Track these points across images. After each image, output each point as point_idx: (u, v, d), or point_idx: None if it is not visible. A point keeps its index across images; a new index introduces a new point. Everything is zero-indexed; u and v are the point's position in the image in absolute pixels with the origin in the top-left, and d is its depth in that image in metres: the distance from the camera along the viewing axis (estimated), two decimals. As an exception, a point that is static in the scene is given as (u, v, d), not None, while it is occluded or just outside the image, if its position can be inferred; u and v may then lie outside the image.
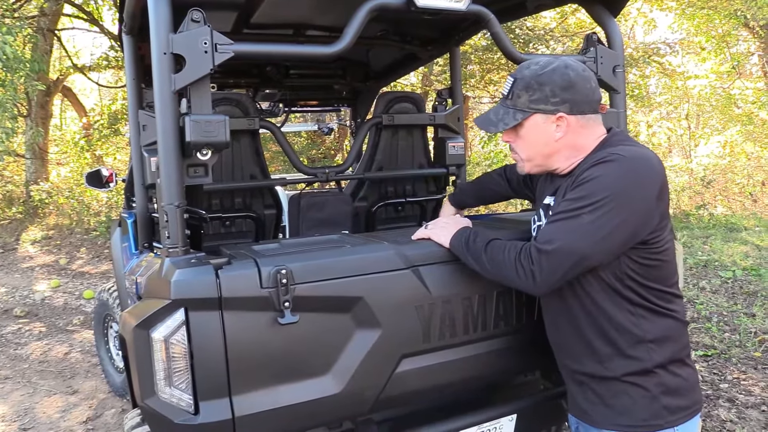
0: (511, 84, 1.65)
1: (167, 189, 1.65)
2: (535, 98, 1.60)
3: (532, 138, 1.65)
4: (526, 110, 1.62)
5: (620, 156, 1.50)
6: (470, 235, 1.76)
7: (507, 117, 1.65)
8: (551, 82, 1.58)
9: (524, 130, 1.65)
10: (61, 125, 15.58)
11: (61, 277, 7.75)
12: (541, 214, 1.75)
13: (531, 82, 1.60)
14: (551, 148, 1.64)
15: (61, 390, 4.23)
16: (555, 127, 1.61)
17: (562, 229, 1.50)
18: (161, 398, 1.57)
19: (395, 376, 1.82)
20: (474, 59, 9.85)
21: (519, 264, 1.55)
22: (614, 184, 1.47)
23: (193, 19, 1.65)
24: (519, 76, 1.63)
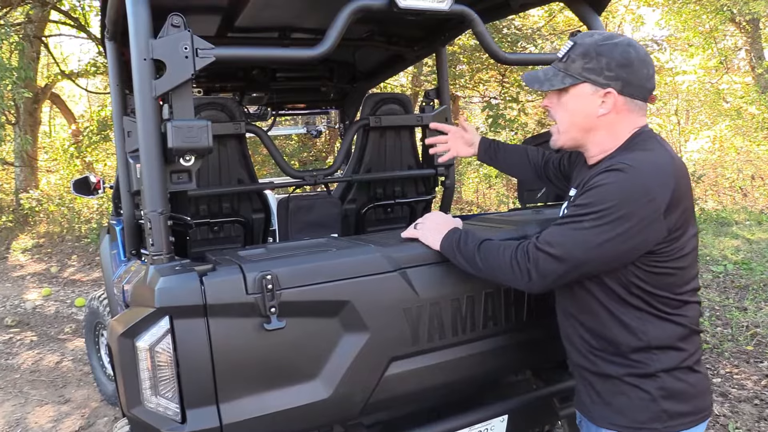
0: (569, 48, 1.58)
1: (150, 196, 1.63)
2: (590, 67, 1.54)
3: (575, 107, 1.59)
4: (576, 77, 1.56)
5: (630, 167, 1.44)
6: (461, 237, 1.73)
7: (555, 79, 1.59)
8: (610, 55, 1.52)
9: (568, 96, 1.59)
10: (50, 132, 15.50)
11: (52, 286, 7.70)
12: (566, 205, 1.74)
13: (590, 49, 1.54)
14: (591, 124, 1.59)
15: (53, 399, 4.20)
16: (600, 102, 1.55)
17: (563, 234, 1.49)
18: (147, 407, 1.55)
19: (384, 379, 1.81)
20: (463, 59, 9.86)
21: (515, 262, 1.54)
22: (619, 195, 1.43)
23: (173, 24, 1.64)
24: (579, 41, 1.57)
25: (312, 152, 11.24)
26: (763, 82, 11.78)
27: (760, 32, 12.12)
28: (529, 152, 2.21)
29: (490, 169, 11.08)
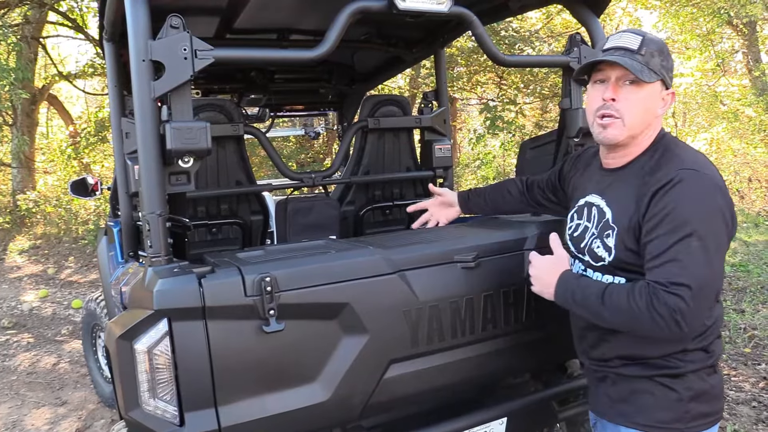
0: (641, 40, 1.51)
1: (148, 197, 1.63)
2: (665, 65, 1.53)
3: (647, 104, 1.54)
4: (657, 73, 1.51)
5: (701, 172, 1.44)
6: (576, 287, 1.58)
7: (645, 71, 1.50)
8: (671, 56, 1.55)
9: (643, 93, 1.52)
10: (48, 133, 15.46)
11: (49, 287, 7.68)
12: (585, 213, 1.70)
13: (663, 47, 1.53)
14: (650, 122, 1.56)
15: (50, 401, 4.18)
16: (662, 103, 1.56)
17: (682, 267, 1.39)
18: (146, 410, 1.54)
19: (384, 381, 1.80)
20: (461, 61, 9.86)
21: (655, 313, 1.39)
22: (708, 202, 1.42)
23: (172, 26, 1.63)
24: (646, 36, 1.53)
25: (310, 154, 11.23)
26: (759, 85, 11.80)
27: (757, 35, 12.15)
28: (508, 186, 2.22)
29: (487, 171, 11.09)
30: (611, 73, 1.54)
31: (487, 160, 11.35)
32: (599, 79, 1.59)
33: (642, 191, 1.50)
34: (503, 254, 2.02)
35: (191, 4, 2.33)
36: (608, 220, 1.58)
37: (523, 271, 2.03)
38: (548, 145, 2.62)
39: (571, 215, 1.77)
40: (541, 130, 10.60)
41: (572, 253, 1.74)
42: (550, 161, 2.55)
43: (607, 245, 1.57)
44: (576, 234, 1.71)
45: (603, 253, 1.58)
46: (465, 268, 1.92)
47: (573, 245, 1.73)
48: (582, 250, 1.68)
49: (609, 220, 1.58)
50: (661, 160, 1.53)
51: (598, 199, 1.65)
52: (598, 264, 1.61)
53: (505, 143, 10.60)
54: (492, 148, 11.90)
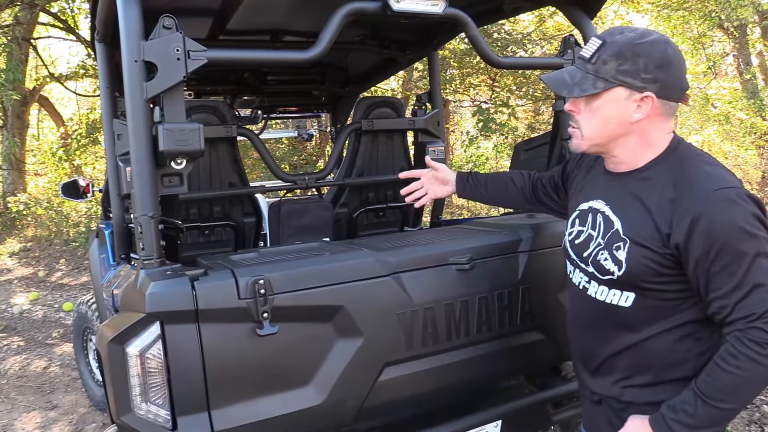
0: (597, 47, 1.41)
1: (141, 199, 1.61)
2: (625, 69, 1.37)
3: (606, 114, 1.42)
4: (610, 80, 1.38)
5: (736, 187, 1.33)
6: (682, 411, 1.36)
7: (586, 83, 1.41)
8: (648, 55, 1.36)
9: (599, 102, 1.42)
10: (39, 135, 15.38)
11: (40, 290, 7.62)
12: (588, 219, 1.56)
13: (624, 50, 1.37)
14: (623, 130, 1.43)
15: (41, 405, 4.14)
16: (635, 107, 1.39)
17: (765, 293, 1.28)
18: (138, 414, 1.53)
19: (378, 384, 1.79)
20: (454, 63, 9.87)
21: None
22: (756, 216, 1.31)
23: (164, 26, 1.62)
24: (610, 40, 1.40)
25: (302, 156, 11.22)
26: (750, 88, 11.87)
27: (747, 38, 12.22)
28: (514, 178, 2.05)
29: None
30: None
31: (480, 162, 11.36)
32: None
33: (668, 209, 1.36)
34: (498, 256, 2.02)
35: (184, 4, 2.32)
36: (618, 231, 1.45)
37: (516, 273, 2.03)
38: (542, 147, 2.62)
39: (572, 220, 1.65)
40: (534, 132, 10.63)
41: (573, 260, 1.62)
42: (544, 163, 2.55)
43: (617, 258, 1.43)
44: (578, 241, 1.58)
45: (611, 267, 1.45)
46: (460, 270, 1.92)
47: (574, 253, 1.60)
48: (585, 260, 1.54)
49: (619, 231, 1.45)
50: (684, 175, 1.39)
51: (602, 206, 1.53)
52: (605, 277, 1.48)
53: (498, 145, 10.62)
54: (485, 151, 11.91)
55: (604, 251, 1.47)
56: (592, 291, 1.54)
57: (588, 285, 1.55)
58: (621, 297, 1.46)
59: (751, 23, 11.71)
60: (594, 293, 1.53)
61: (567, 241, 1.64)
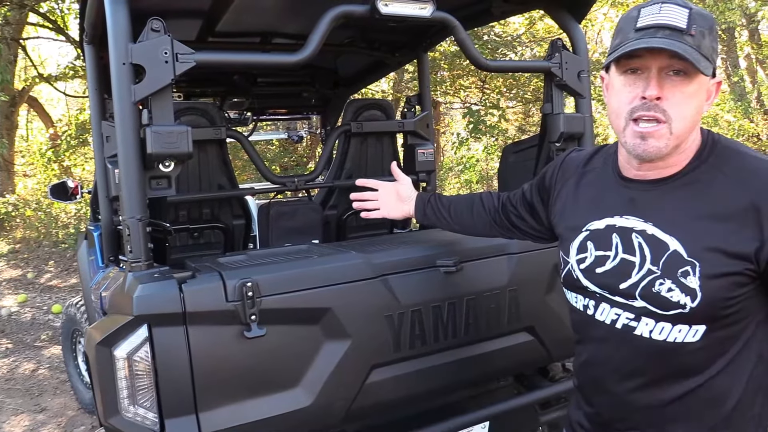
0: (687, 15, 1.10)
1: (129, 202, 1.61)
2: (714, 48, 1.12)
3: (699, 101, 1.14)
4: (710, 60, 1.11)
5: None
6: None
7: (700, 60, 1.08)
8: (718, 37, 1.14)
9: (695, 86, 1.12)
10: (28, 136, 15.28)
11: (28, 292, 7.57)
12: (616, 242, 1.25)
13: (713, 24, 1.13)
14: (698, 123, 1.18)
15: (29, 408, 4.12)
16: (707, 94, 1.16)
17: None
18: (125, 417, 1.53)
19: (366, 386, 1.80)
20: (444, 66, 9.90)
21: None
22: None
23: (153, 29, 1.62)
24: (695, 10, 1.11)
25: (293, 157, 11.21)
26: (738, 90, 11.98)
27: (735, 41, 12.34)
28: (483, 198, 1.77)
29: (471, 175, 11.14)
30: (652, 62, 1.12)
31: (470, 164, 11.40)
32: (632, 67, 1.16)
33: (749, 216, 1.11)
34: (485, 258, 2.03)
35: (173, 6, 2.32)
36: (679, 254, 1.15)
37: (504, 275, 2.04)
38: (531, 149, 2.63)
39: (580, 243, 1.33)
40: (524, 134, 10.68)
41: (591, 293, 1.31)
42: (532, 166, 2.56)
43: (688, 287, 1.14)
44: (604, 269, 1.27)
45: (681, 299, 1.14)
46: (447, 273, 1.93)
47: (597, 284, 1.29)
48: (625, 293, 1.23)
49: (681, 253, 1.15)
50: (750, 173, 1.15)
51: (640, 223, 1.22)
52: (671, 313, 1.17)
53: (488, 147, 10.66)
54: (475, 152, 11.94)
55: (665, 280, 1.16)
56: (644, 330, 1.21)
57: (634, 323, 1.23)
58: (689, 333, 1.17)
59: (738, 26, 11.82)
60: (648, 333, 1.21)
61: (577, 270, 1.33)
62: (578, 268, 1.32)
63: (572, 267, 1.34)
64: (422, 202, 1.88)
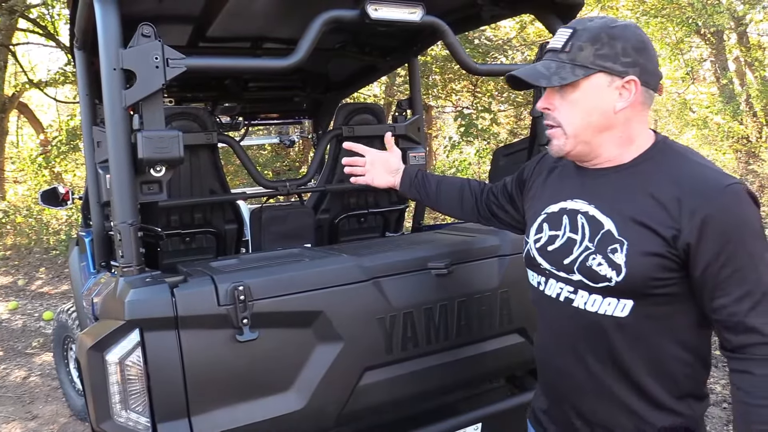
0: (569, 35, 1.31)
1: (120, 207, 1.61)
2: (603, 53, 1.27)
3: (588, 104, 1.31)
4: (590, 66, 1.28)
5: (742, 185, 1.24)
6: None
7: (563, 71, 1.30)
8: (624, 38, 1.28)
9: (579, 93, 1.31)
10: (18, 142, 15.22)
11: (19, 299, 7.53)
12: (564, 222, 1.41)
13: (600, 33, 1.28)
14: (607, 121, 1.31)
15: (20, 416, 4.09)
16: (618, 95, 1.29)
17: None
18: (117, 422, 1.53)
19: (358, 389, 1.81)
20: (436, 69, 9.93)
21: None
22: (755, 209, 1.25)
23: (143, 34, 1.63)
24: (581, 27, 1.31)
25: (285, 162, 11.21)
26: (727, 93, 12.06)
27: (724, 44, 12.43)
28: (471, 184, 1.87)
29: (463, 178, 11.15)
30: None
31: (462, 167, 11.43)
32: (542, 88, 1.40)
33: (673, 206, 1.24)
34: (477, 260, 2.04)
35: (163, 12, 2.32)
36: (611, 233, 1.30)
37: (495, 277, 2.05)
38: (521, 152, 2.65)
39: (537, 225, 1.49)
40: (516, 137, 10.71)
41: (544, 270, 1.45)
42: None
43: (615, 263, 1.28)
44: (552, 248, 1.42)
45: (608, 272, 1.29)
46: (438, 275, 1.94)
47: (549, 261, 1.43)
48: (567, 268, 1.38)
49: (612, 232, 1.30)
50: (683, 171, 1.28)
51: (584, 205, 1.38)
52: (599, 285, 1.31)
53: (480, 151, 10.69)
54: (467, 156, 11.98)
55: (596, 255, 1.31)
56: (580, 302, 1.36)
57: (573, 295, 1.37)
58: (617, 306, 1.30)
59: (727, 29, 11.90)
60: (583, 304, 1.35)
61: (534, 249, 1.48)
62: (535, 247, 1.48)
63: (530, 246, 1.49)
64: (409, 175, 1.93)
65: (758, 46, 12.25)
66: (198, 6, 2.31)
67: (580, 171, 1.44)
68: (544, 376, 1.55)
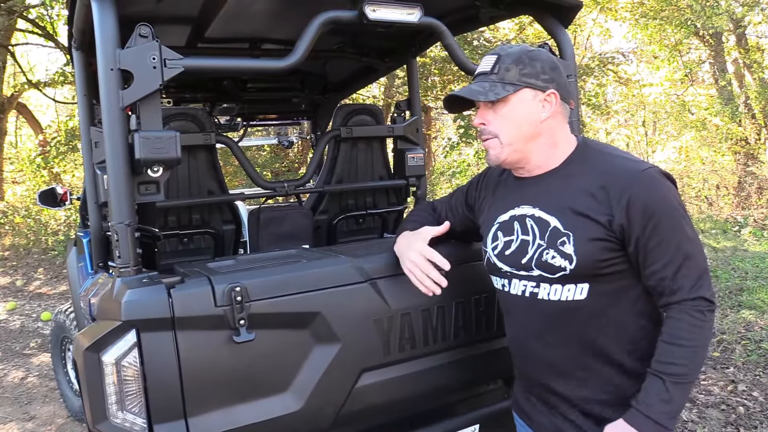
0: (494, 60, 1.54)
1: (117, 207, 1.61)
2: (527, 72, 1.51)
3: (517, 116, 1.52)
4: (516, 83, 1.51)
5: (658, 169, 1.47)
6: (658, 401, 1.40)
7: (495, 89, 1.51)
8: (541, 59, 1.53)
9: (508, 107, 1.52)
10: (17, 143, 15.21)
11: (17, 299, 7.53)
12: (516, 227, 1.59)
13: (521, 56, 1.52)
14: (535, 130, 1.53)
15: (18, 417, 4.09)
16: (542, 106, 1.52)
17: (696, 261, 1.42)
18: (114, 423, 1.52)
19: (355, 391, 1.80)
20: (435, 70, 9.94)
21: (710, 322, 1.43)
22: (672, 188, 1.47)
23: (141, 35, 1.62)
24: (503, 53, 1.54)
25: (285, 163, 11.21)
26: (726, 95, 12.08)
27: (722, 46, 12.44)
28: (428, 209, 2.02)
29: (462, 179, 11.17)
30: (476, 101, 1.58)
31: (461, 168, 11.44)
32: (475, 108, 1.63)
33: (602, 195, 1.45)
34: (474, 262, 2.04)
35: (161, 13, 2.32)
36: (557, 228, 1.50)
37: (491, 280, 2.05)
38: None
39: (492, 234, 1.66)
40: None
41: (505, 273, 1.63)
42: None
43: (566, 253, 1.47)
44: (509, 251, 1.60)
45: (562, 263, 1.48)
46: (436, 276, 1.93)
47: (507, 264, 1.61)
48: (527, 266, 1.56)
49: (558, 228, 1.50)
50: (606, 164, 1.51)
51: (530, 210, 1.58)
52: (557, 275, 1.50)
53: (479, 152, 10.70)
54: (466, 157, 11.99)
55: (549, 250, 1.50)
56: (544, 294, 1.54)
57: (536, 289, 1.55)
58: (576, 291, 1.49)
59: (726, 31, 11.92)
60: (546, 295, 1.53)
61: (493, 255, 1.65)
62: (493, 254, 1.65)
63: (489, 254, 1.67)
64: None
65: (757, 47, 12.27)
66: (196, 7, 2.31)
67: (519, 181, 1.65)
68: (520, 367, 1.71)
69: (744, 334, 4.78)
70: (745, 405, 3.64)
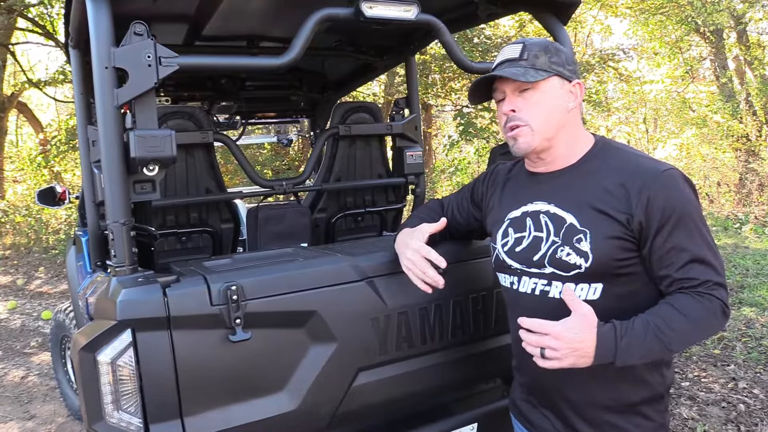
0: (521, 48, 1.50)
1: (112, 206, 1.60)
2: (555, 60, 1.49)
3: (548, 103, 1.49)
4: (548, 70, 1.48)
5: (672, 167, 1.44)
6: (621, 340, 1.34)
7: (529, 73, 1.47)
8: (564, 51, 1.53)
9: (540, 94, 1.49)
10: (17, 142, 15.22)
11: (18, 298, 7.53)
12: (528, 223, 1.55)
13: (548, 45, 1.51)
14: (563, 119, 1.51)
15: (18, 416, 4.09)
16: (569, 95, 1.51)
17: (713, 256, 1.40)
18: (110, 422, 1.52)
19: (352, 389, 1.80)
20: (435, 68, 9.92)
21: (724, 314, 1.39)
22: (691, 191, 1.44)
23: (135, 33, 1.62)
24: (528, 42, 1.52)
25: (285, 161, 11.20)
26: (726, 91, 12.05)
27: (723, 42, 12.41)
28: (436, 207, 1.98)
29: (462, 177, 11.16)
30: (505, 87, 1.54)
31: (462, 166, 11.42)
32: (499, 98, 1.57)
33: (622, 193, 1.41)
34: (472, 260, 2.03)
35: (158, 11, 2.31)
36: (573, 225, 1.45)
37: (490, 277, 2.04)
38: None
39: (503, 230, 1.62)
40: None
41: (515, 270, 1.58)
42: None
43: (582, 251, 1.42)
44: (520, 248, 1.56)
45: (577, 260, 1.43)
46: (434, 275, 1.92)
47: (518, 261, 1.56)
48: (538, 264, 1.51)
49: (575, 224, 1.45)
50: (626, 162, 1.47)
51: (544, 206, 1.53)
52: (571, 273, 1.44)
53: (479, 149, 10.68)
54: (467, 155, 11.97)
55: (564, 247, 1.46)
56: (555, 292, 1.48)
57: (548, 287, 1.50)
58: (589, 290, 1.44)
59: (727, 28, 11.89)
60: (558, 294, 1.47)
61: (502, 252, 1.61)
62: (503, 251, 1.61)
63: (499, 251, 1.63)
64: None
65: (758, 44, 12.23)
66: (193, 5, 2.30)
67: (532, 177, 1.62)
68: (523, 368, 1.64)
69: (745, 332, 4.77)
70: (746, 402, 3.63)
